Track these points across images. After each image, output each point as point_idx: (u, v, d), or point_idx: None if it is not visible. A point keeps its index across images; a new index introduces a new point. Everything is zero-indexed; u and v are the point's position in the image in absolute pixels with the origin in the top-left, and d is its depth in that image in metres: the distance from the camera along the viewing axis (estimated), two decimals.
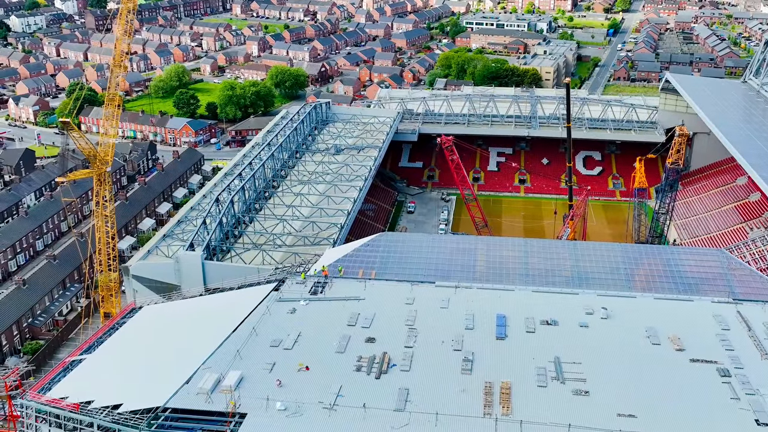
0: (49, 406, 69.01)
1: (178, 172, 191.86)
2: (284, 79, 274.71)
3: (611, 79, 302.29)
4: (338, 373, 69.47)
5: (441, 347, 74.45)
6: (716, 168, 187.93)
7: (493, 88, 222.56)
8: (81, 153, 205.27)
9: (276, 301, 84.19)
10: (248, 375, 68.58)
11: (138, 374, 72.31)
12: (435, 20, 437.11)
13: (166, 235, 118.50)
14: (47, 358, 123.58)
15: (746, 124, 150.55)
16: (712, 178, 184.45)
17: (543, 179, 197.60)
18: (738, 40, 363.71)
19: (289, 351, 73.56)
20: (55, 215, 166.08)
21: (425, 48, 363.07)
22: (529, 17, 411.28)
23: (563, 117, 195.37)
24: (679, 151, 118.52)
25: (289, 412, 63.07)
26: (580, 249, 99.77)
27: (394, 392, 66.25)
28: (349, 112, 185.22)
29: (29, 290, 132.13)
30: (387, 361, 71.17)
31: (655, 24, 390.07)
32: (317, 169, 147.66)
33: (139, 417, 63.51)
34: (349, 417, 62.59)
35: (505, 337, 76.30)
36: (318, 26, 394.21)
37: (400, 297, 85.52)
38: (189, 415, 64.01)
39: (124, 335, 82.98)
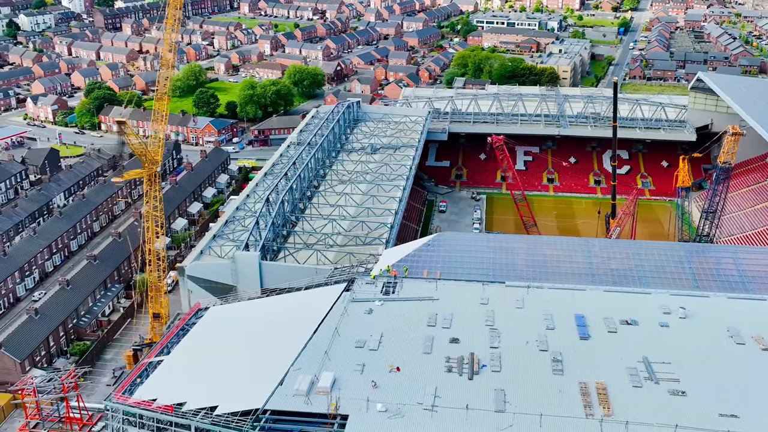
0: (139, 408, 68.66)
1: (206, 172, 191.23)
2: (302, 78, 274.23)
3: (626, 78, 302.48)
4: (430, 374, 69.35)
5: (526, 348, 74.39)
6: (745, 167, 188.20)
7: (518, 87, 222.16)
8: (106, 153, 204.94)
9: (350, 302, 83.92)
10: (340, 376, 68.39)
11: (225, 376, 71.98)
12: (444, 18, 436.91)
13: (216, 235, 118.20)
14: (95, 359, 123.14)
15: None
16: (742, 177, 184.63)
17: (571, 178, 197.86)
18: (749, 39, 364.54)
19: (375, 352, 73.38)
20: (87, 215, 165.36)
21: (437, 47, 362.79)
22: (539, 16, 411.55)
23: (592, 116, 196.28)
24: (731, 151, 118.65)
25: (390, 414, 62.91)
26: (641, 248, 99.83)
27: (490, 393, 66.16)
28: (380, 111, 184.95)
29: (73, 291, 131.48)
30: (476, 361, 71.05)
31: (666, 23, 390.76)
32: (356, 169, 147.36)
33: (240, 419, 63.21)
34: (451, 418, 62.47)
35: (589, 337, 76.28)
36: (329, 25, 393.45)
37: (473, 297, 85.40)
38: (289, 416, 63.76)
39: (198, 336, 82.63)
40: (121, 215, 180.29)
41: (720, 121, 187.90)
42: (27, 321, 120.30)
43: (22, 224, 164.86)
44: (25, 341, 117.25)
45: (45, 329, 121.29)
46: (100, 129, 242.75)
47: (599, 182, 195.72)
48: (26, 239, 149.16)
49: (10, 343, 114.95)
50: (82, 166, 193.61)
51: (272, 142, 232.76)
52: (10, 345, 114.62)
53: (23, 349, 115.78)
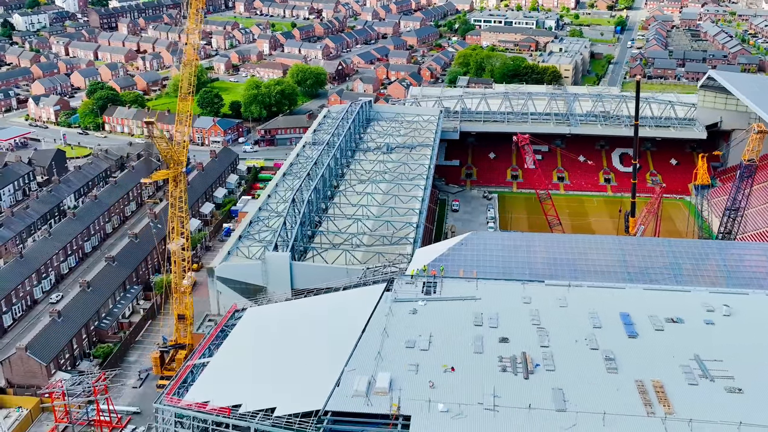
0: (192, 410, 68.19)
1: (216, 172, 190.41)
2: (305, 78, 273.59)
3: (627, 77, 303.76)
4: (485, 374, 69.36)
5: (576, 346, 74.55)
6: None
7: (525, 85, 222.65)
8: (114, 154, 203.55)
9: (393, 302, 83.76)
10: (396, 377, 68.25)
11: (276, 377, 71.67)
12: (441, 18, 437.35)
13: (242, 236, 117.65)
14: (118, 362, 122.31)
15: None
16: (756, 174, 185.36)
17: (581, 176, 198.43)
18: (745, 38, 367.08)
19: (426, 352, 73.29)
20: (100, 216, 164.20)
21: (436, 46, 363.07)
22: (536, 15, 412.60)
23: (601, 114, 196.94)
24: (755, 149, 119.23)
25: (452, 414, 62.88)
26: (673, 246, 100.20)
27: (548, 392, 66.26)
28: (391, 110, 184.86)
29: (93, 293, 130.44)
30: (530, 361, 71.11)
31: (662, 21, 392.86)
32: (375, 168, 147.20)
33: (302, 420, 62.94)
34: (514, 418, 62.51)
35: (637, 335, 76.55)
36: (326, 24, 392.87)
37: (515, 296, 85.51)
38: (350, 417, 63.55)
39: (240, 337, 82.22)
40: (132, 216, 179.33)
41: (729, 119, 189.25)
42: (50, 324, 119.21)
43: (34, 226, 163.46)
44: (49, 344, 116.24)
45: (68, 332, 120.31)
46: (103, 129, 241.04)
47: (609, 180, 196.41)
48: (41, 241, 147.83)
49: (35, 346, 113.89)
50: (90, 167, 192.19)
51: (278, 141, 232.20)
52: (35, 348, 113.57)
53: (48, 352, 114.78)
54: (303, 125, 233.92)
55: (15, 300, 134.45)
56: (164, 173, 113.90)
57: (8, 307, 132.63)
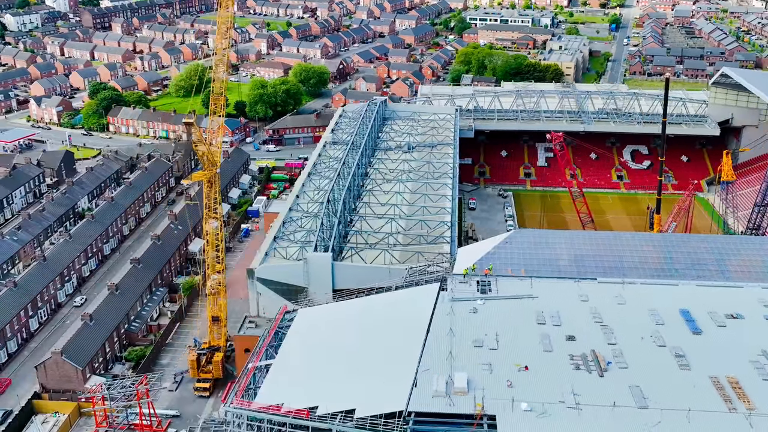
0: (267, 414, 67.68)
1: (230, 173, 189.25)
2: (308, 77, 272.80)
3: (626, 74, 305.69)
4: (559, 372, 69.47)
5: (643, 343, 74.86)
6: (761, 162, 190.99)
7: (534, 83, 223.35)
8: (124, 155, 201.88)
9: (450, 301, 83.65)
10: (472, 376, 68.07)
11: (345, 378, 71.31)
12: (435, 16, 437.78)
13: (277, 237, 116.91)
14: (151, 365, 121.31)
15: None
16: (760, 171, 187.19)
17: (594, 174, 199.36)
18: (739, 35, 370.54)
19: (495, 351, 73.25)
20: (118, 218, 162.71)
21: (434, 44, 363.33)
22: (531, 13, 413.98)
23: (612, 111, 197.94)
24: None
25: (536, 413, 62.86)
26: (717, 242, 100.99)
27: (625, 390, 66.47)
28: (406, 109, 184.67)
29: (122, 295, 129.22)
30: (601, 359, 71.28)
31: (657, 19, 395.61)
32: (399, 167, 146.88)
33: (387, 422, 62.68)
34: (598, 416, 62.63)
35: (701, 331, 77.00)
36: (322, 23, 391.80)
37: (571, 294, 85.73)
38: (433, 418, 63.40)
39: (298, 339, 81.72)
40: (147, 218, 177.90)
41: (740, 116, 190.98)
42: (82, 327, 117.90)
43: (51, 228, 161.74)
44: (83, 348, 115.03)
45: (101, 335, 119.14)
46: (108, 130, 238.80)
47: (621, 177, 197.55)
48: (62, 244, 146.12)
49: (70, 350, 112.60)
50: (102, 168, 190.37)
51: (286, 141, 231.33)
52: (70, 352, 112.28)
53: (83, 356, 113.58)
54: (311, 125, 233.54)
55: (40, 304, 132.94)
56: (201, 174, 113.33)
57: (34, 311, 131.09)
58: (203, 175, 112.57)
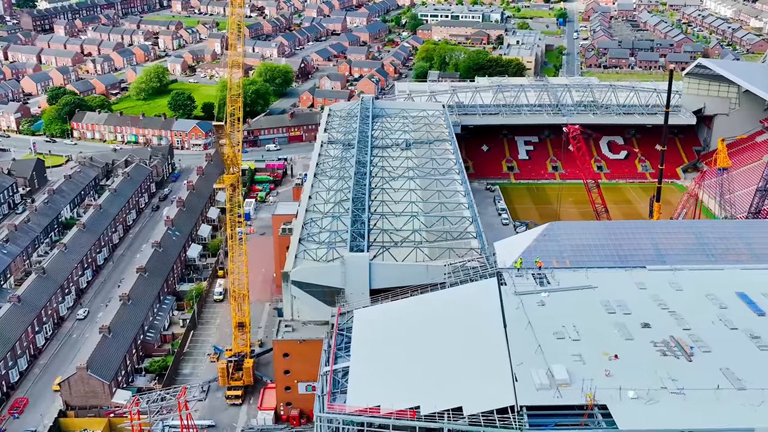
0: (366, 417, 66.90)
1: (215, 176, 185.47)
2: (274, 76, 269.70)
3: (582, 67, 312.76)
4: (649, 359, 70.88)
5: (716, 327, 77.02)
6: (737, 147, 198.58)
7: (507, 78, 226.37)
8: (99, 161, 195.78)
9: (514, 295, 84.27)
10: (567, 368, 68.66)
11: (434, 376, 70.95)
12: (384, 13, 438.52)
13: (302, 239, 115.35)
14: (173, 375, 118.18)
15: None
16: (735, 157, 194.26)
17: (574, 165, 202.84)
18: (681, 26, 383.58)
19: (579, 342, 74.15)
20: (108, 227, 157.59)
21: (389, 41, 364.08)
22: (480, 9, 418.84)
23: (590, 103, 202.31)
24: None
25: (644, 400, 63.95)
26: (740, 227, 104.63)
27: (718, 372, 68.27)
28: (394, 106, 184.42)
29: (134, 306, 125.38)
30: (684, 344, 73.03)
31: (602, 12, 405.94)
32: (402, 164, 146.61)
33: (502, 417, 62.81)
34: (703, 399, 64.11)
35: (765, 313, 79.62)
36: (274, 22, 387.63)
37: (627, 283, 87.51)
38: (545, 411, 63.87)
39: (366, 340, 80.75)
40: (134, 225, 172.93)
41: (712, 105, 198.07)
42: (102, 340, 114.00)
43: (38, 239, 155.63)
44: (106, 361, 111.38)
45: (121, 348, 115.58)
46: (72, 136, 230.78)
47: (601, 168, 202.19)
48: (58, 255, 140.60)
49: (95, 365, 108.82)
50: (80, 175, 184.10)
51: (261, 142, 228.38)
52: (95, 366, 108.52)
53: (108, 370, 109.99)
54: (285, 124, 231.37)
55: (45, 318, 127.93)
56: (233, 177, 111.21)
57: (40, 326, 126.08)
58: (234, 177, 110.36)
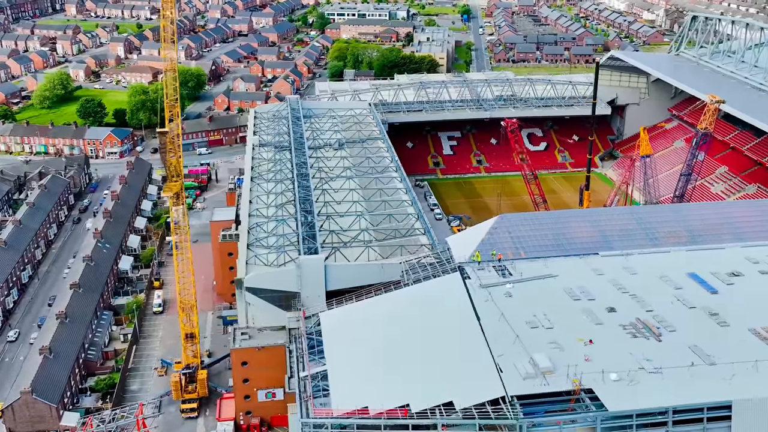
0: (356, 419, 66.61)
1: (139, 184, 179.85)
2: (187, 80, 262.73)
3: (492, 62, 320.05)
4: (621, 342, 73.59)
5: (675, 307, 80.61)
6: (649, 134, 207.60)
7: (427, 75, 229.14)
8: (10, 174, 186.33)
9: (480, 288, 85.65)
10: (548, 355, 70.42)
11: (417, 373, 71.24)
12: (289, 12, 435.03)
13: (250, 244, 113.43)
14: (122, 393, 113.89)
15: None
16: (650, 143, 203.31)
17: (498, 158, 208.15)
18: (579, 20, 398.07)
19: (552, 330, 76.09)
20: (30, 243, 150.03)
21: (299, 41, 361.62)
22: (386, 6, 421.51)
23: (510, 97, 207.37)
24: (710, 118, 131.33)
25: (626, 381, 66.35)
26: (679, 210, 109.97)
27: (687, 350, 71.57)
28: (322, 106, 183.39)
29: (72, 323, 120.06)
30: (651, 325, 76.18)
31: (504, 8, 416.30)
32: (338, 164, 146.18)
33: (496, 409, 63.83)
34: (680, 376, 67.07)
35: (717, 291, 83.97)
36: (178, 23, 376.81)
37: (584, 269, 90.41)
38: (534, 399, 65.34)
39: (338, 342, 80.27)
40: (56, 240, 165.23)
41: (624, 95, 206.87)
42: (44, 362, 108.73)
43: None
44: (51, 384, 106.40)
45: (65, 368, 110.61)
46: None
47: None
48: None
49: (40, 388, 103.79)
50: None
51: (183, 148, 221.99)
52: (40, 389, 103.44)
53: (54, 392, 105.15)
54: (204, 129, 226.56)
55: None
56: (176, 185, 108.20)
57: None
58: (178, 186, 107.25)
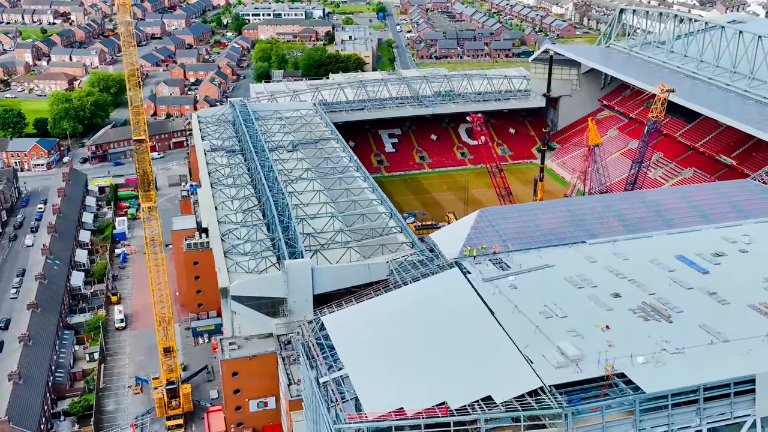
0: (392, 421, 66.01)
1: (77, 196, 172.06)
2: (109, 85, 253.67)
3: (415, 58, 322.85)
4: (635, 325, 75.89)
5: (674, 289, 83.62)
6: (579, 126, 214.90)
7: (362, 73, 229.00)
8: None
9: (484, 282, 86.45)
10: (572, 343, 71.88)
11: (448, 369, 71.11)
12: (200, 14, 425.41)
13: (227, 252, 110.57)
14: (99, 414, 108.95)
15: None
16: (582, 134, 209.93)
17: (439, 154, 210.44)
18: (492, 16, 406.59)
19: (567, 318, 77.56)
20: None
21: (216, 42, 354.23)
22: (300, 6, 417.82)
23: (447, 93, 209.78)
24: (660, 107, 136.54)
25: (653, 363, 68.41)
26: (645, 196, 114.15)
27: (699, 329, 74.46)
28: (265, 108, 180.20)
29: (36, 346, 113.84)
30: (659, 307, 78.85)
31: (419, 5, 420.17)
32: (297, 166, 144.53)
33: (538, 399, 64.62)
34: (702, 355, 69.74)
35: (707, 271, 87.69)
36: (86, 28, 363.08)
37: (577, 258, 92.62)
38: (571, 387, 66.46)
39: (351, 345, 79.01)
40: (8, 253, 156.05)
41: (557, 88, 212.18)
42: (15, 388, 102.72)
43: None
44: (26, 410, 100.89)
45: (37, 393, 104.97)
46: None
47: (464, 154, 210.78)
48: None
49: (14, 416, 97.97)
50: None
51: (111, 156, 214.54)
52: (15, 417, 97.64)
53: (30, 419, 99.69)
54: None
55: None
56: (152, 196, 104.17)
57: None
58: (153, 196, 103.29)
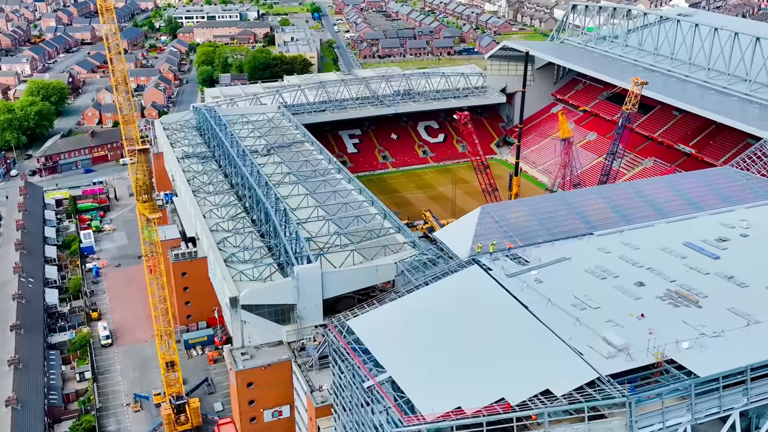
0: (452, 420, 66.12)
1: (38, 211, 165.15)
2: (49, 94, 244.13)
3: (359, 58, 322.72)
4: (667, 312, 77.95)
5: (691, 275, 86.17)
6: (535, 120, 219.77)
7: (317, 75, 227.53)
8: None
9: (508, 277, 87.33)
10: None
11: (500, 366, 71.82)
12: (129, 18, 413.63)
13: (227, 260, 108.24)
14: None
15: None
16: (538, 128, 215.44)
17: (401, 153, 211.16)
18: (428, 14, 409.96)
19: (600, 309, 79.08)
20: None
21: (151, 47, 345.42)
22: (234, 8, 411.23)
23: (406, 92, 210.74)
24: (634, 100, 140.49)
25: (696, 347, 70.55)
26: (636, 187, 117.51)
27: (728, 313, 77.06)
28: (232, 112, 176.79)
29: (27, 369, 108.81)
30: (685, 293, 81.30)
31: (354, 5, 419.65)
32: (277, 170, 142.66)
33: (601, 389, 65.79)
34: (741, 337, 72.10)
35: (718, 257, 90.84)
36: (11, 35, 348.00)
37: (590, 249, 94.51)
38: (624, 376, 67.90)
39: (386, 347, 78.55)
40: None
41: (512, 83, 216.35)
42: (14, 415, 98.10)
43: None
44: None
45: (37, 418, 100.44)
46: None
47: (426, 152, 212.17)
48: None
49: None
50: None
51: (62, 167, 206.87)
52: None
53: None
54: (87, 145, 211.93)
55: None
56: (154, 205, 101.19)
57: None
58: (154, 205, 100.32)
